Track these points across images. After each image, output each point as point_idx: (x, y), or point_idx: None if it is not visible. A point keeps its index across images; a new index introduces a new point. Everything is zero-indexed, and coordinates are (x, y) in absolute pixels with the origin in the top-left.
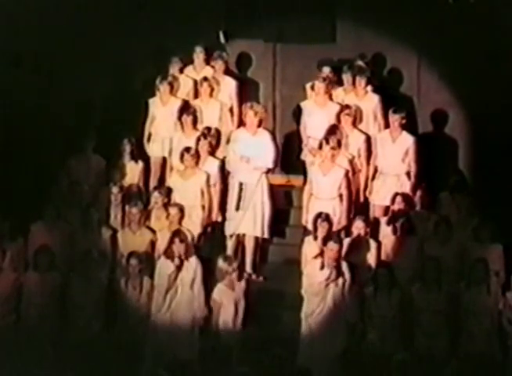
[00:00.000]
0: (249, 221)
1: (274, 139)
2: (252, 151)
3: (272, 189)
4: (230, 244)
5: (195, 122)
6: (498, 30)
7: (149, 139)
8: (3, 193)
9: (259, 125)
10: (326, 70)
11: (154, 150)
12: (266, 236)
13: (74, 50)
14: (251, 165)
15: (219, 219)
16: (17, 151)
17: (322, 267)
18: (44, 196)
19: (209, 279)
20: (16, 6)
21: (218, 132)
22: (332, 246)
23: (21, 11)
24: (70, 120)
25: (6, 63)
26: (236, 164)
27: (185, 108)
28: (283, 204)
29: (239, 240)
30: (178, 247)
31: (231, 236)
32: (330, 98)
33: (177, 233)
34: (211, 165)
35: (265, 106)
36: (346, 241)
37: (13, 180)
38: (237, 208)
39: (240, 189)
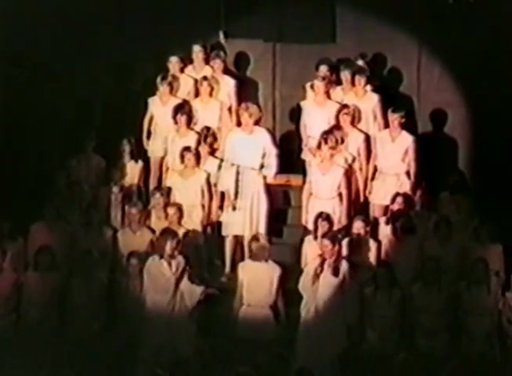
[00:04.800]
0: (245, 221)
1: (273, 138)
2: (249, 151)
3: (269, 189)
4: (228, 244)
5: (189, 121)
6: (498, 30)
7: (149, 138)
8: (4, 194)
9: (256, 124)
10: (324, 69)
11: (154, 150)
12: None
13: (74, 50)
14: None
15: (219, 219)
16: (18, 151)
17: (321, 265)
18: (44, 196)
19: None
20: (16, 6)
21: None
22: (325, 242)
23: (21, 11)
24: (71, 120)
25: (6, 63)
26: (228, 169)
27: (180, 107)
28: (281, 204)
29: (238, 240)
30: (166, 245)
31: (228, 236)
32: (329, 97)
33: (167, 231)
34: (211, 165)
35: (260, 106)
36: (346, 241)
37: (14, 180)
38: (233, 209)
39: (236, 190)
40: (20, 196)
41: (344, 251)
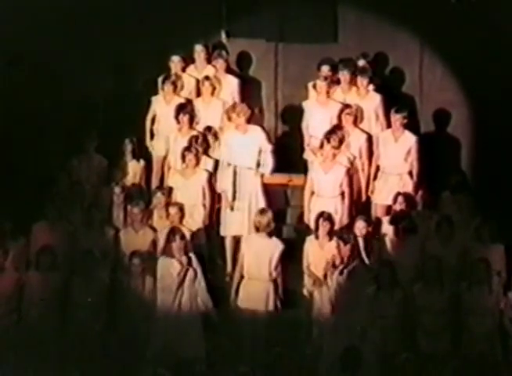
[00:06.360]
0: (243, 222)
1: (268, 135)
2: (245, 150)
3: (267, 188)
4: (228, 244)
5: (192, 121)
6: (500, 30)
7: (152, 138)
8: (5, 193)
9: (249, 122)
10: (325, 69)
11: (157, 149)
12: None
13: (75, 50)
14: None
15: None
16: (19, 151)
17: (333, 266)
18: (46, 196)
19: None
20: (16, 6)
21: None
22: (335, 242)
23: (21, 11)
24: (72, 120)
25: (6, 63)
26: (225, 170)
27: (182, 107)
28: (282, 204)
29: (238, 240)
30: (179, 245)
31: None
32: (329, 97)
33: (176, 231)
34: (211, 164)
35: (248, 104)
36: (357, 240)
37: (15, 180)
38: (231, 209)
39: (234, 190)
40: (22, 195)
41: (355, 251)
